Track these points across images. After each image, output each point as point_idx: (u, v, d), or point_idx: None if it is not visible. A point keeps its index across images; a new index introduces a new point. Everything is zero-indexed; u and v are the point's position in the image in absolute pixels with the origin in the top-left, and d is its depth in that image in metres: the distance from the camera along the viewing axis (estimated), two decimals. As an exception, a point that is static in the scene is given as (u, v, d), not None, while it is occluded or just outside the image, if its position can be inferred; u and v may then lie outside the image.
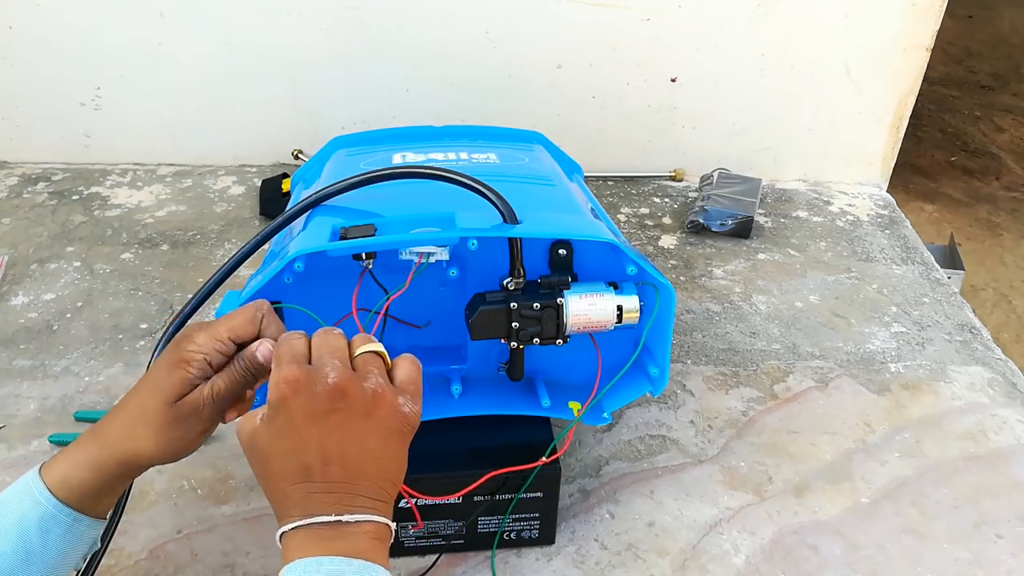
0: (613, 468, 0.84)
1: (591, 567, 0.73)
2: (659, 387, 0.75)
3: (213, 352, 0.57)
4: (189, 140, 1.36)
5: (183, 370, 0.56)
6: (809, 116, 1.35)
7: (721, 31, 1.27)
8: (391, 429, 0.52)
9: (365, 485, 0.51)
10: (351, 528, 0.49)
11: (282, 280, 0.70)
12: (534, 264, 0.72)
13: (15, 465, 0.81)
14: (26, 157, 1.37)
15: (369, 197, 0.72)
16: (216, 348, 0.57)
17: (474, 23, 1.26)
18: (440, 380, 0.77)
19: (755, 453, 0.86)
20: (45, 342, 0.98)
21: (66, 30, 1.25)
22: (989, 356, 1.02)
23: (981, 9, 4.17)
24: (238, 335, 0.57)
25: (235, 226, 1.22)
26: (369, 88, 1.31)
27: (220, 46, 1.27)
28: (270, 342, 0.57)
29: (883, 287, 1.14)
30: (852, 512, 0.80)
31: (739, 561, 0.74)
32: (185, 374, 0.56)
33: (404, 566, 0.72)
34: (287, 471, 0.50)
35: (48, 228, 1.20)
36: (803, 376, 0.97)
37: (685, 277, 1.15)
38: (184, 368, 0.56)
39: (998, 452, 0.87)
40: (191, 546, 0.73)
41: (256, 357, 0.57)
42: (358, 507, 0.50)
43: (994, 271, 2.47)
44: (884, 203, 1.37)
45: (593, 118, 1.34)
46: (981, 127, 3.27)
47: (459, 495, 0.69)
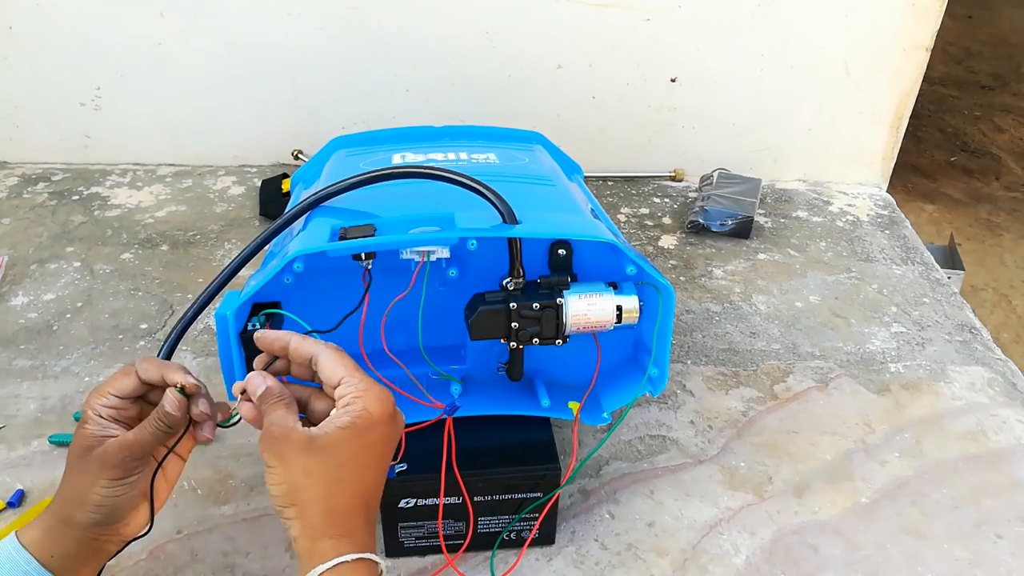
0: (613, 468, 0.84)
1: (591, 567, 0.73)
2: (659, 387, 0.75)
3: (101, 408, 0.59)
4: (189, 140, 1.36)
5: (82, 428, 0.59)
6: (809, 116, 1.35)
7: (721, 31, 1.27)
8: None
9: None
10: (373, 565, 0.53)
11: (282, 280, 0.70)
12: (534, 264, 0.72)
13: (15, 465, 0.81)
14: (26, 157, 1.37)
15: (369, 197, 0.72)
16: (102, 403, 0.59)
17: (474, 23, 1.26)
18: (440, 380, 0.77)
19: (755, 453, 0.86)
20: (45, 342, 0.98)
21: (66, 30, 1.25)
22: (989, 356, 1.02)
23: (981, 9, 4.17)
24: (117, 389, 0.60)
25: (235, 226, 1.22)
26: (369, 88, 1.31)
27: (220, 46, 1.27)
28: (284, 416, 0.57)
29: (883, 287, 1.14)
30: (852, 512, 0.80)
31: (739, 561, 0.74)
32: (83, 431, 0.59)
33: (404, 566, 0.72)
34: (358, 489, 0.54)
35: (48, 228, 1.20)
36: (803, 376, 0.97)
37: (685, 277, 1.15)
38: (82, 427, 0.59)
39: (998, 452, 0.87)
40: (191, 546, 0.73)
41: (163, 406, 0.59)
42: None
43: (994, 271, 2.47)
44: (884, 203, 1.37)
45: (593, 118, 1.34)
46: (981, 127, 3.27)
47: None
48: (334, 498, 0.52)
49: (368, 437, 0.54)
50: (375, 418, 0.54)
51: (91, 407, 0.59)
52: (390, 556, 0.73)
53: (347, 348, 0.71)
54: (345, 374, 0.56)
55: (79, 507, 0.57)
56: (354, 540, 0.52)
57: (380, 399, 0.55)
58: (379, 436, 0.54)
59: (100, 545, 0.59)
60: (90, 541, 0.58)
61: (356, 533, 0.52)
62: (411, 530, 0.71)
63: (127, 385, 0.60)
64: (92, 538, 0.58)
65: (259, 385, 0.57)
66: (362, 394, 0.55)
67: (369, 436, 0.54)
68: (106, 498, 0.57)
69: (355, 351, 0.71)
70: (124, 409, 0.60)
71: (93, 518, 0.57)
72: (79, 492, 0.57)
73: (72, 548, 0.57)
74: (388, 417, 0.55)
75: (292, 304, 0.71)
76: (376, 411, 0.54)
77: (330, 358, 0.57)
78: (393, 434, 0.56)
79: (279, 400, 0.56)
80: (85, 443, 0.58)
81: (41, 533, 0.57)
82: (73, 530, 0.57)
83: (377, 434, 0.54)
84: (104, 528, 0.58)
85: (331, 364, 0.57)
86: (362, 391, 0.55)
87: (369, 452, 0.54)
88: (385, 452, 0.55)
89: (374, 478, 0.55)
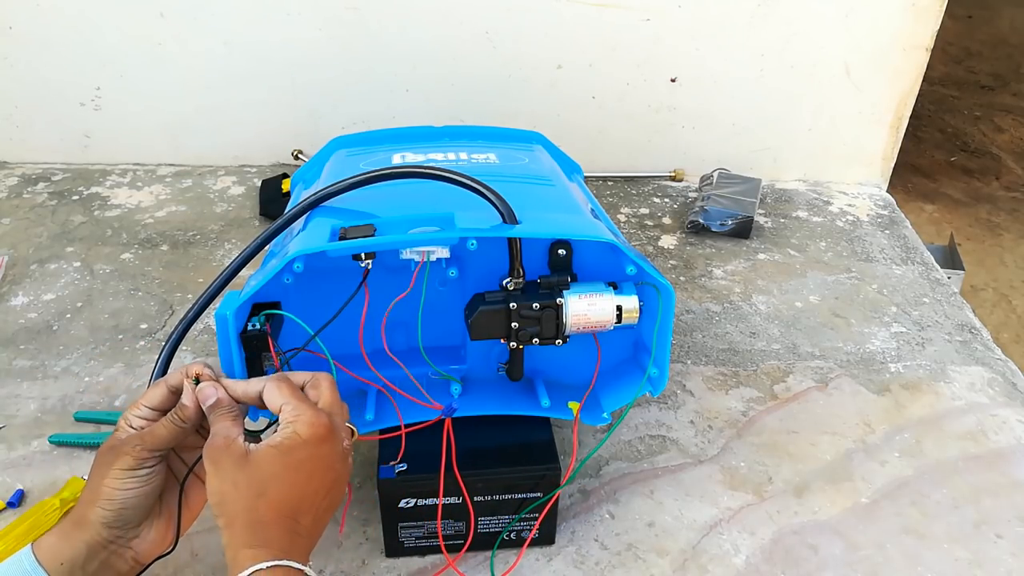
0: (613, 468, 0.84)
1: (591, 567, 0.73)
2: (659, 387, 0.75)
3: (133, 418, 0.61)
4: (189, 140, 1.36)
5: (113, 437, 0.61)
6: (809, 116, 1.35)
7: (721, 31, 1.27)
8: (337, 500, 0.60)
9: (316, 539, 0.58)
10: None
11: (281, 280, 0.70)
12: (534, 264, 0.72)
13: (15, 465, 0.81)
14: (26, 157, 1.37)
15: (369, 197, 0.72)
16: (135, 414, 0.61)
17: (474, 23, 1.26)
18: (440, 380, 0.77)
19: (755, 453, 0.86)
20: (45, 342, 0.98)
21: (66, 30, 1.25)
22: (989, 356, 1.02)
23: (981, 9, 4.17)
24: (155, 403, 0.62)
25: (235, 226, 1.22)
26: (369, 88, 1.31)
27: (220, 46, 1.27)
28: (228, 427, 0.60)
29: (883, 287, 1.14)
30: (852, 512, 0.80)
31: (739, 561, 0.74)
32: (113, 437, 0.61)
33: (404, 566, 0.72)
34: (281, 504, 0.55)
35: (48, 228, 1.20)
36: (803, 376, 0.97)
37: (685, 277, 1.15)
38: (115, 434, 0.61)
39: (998, 452, 0.87)
40: (191, 546, 0.73)
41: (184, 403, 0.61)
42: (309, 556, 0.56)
43: (994, 271, 2.47)
44: (884, 203, 1.37)
45: (593, 118, 1.34)
46: (981, 127, 3.27)
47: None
48: (256, 511, 0.55)
49: (295, 456, 0.56)
50: (303, 439, 0.57)
51: (125, 418, 0.61)
52: (390, 556, 0.73)
53: (347, 348, 0.71)
54: (283, 401, 0.59)
55: (91, 504, 0.58)
56: (271, 549, 0.53)
57: (311, 423, 0.57)
58: (307, 456, 0.57)
59: (109, 557, 0.59)
60: (99, 549, 0.58)
61: (274, 543, 0.54)
62: (411, 530, 0.71)
63: (157, 395, 0.62)
64: (101, 545, 0.58)
65: (210, 396, 0.61)
66: (294, 418, 0.58)
67: (296, 455, 0.56)
68: (116, 491, 0.58)
69: (355, 351, 0.72)
70: (153, 421, 0.61)
71: (104, 516, 0.58)
72: (92, 487, 0.59)
73: (82, 554, 0.57)
74: (318, 439, 0.57)
75: (292, 304, 0.71)
76: (305, 433, 0.57)
77: (271, 389, 0.60)
78: (326, 455, 0.58)
79: (227, 412, 0.60)
80: (109, 444, 0.60)
81: (55, 538, 0.58)
82: (84, 533, 0.58)
83: (305, 454, 0.57)
84: (114, 531, 0.58)
85: (272, 394, 0.60)
86: (295, 416, 0.58)
87: (295, 470, 0.56)
88: (316, 470, 0.57)
89: (301, 494, 0.56)
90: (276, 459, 0.56)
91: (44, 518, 0.73)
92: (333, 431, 0.58)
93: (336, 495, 0.59)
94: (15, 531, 0.71)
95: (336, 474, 0.58)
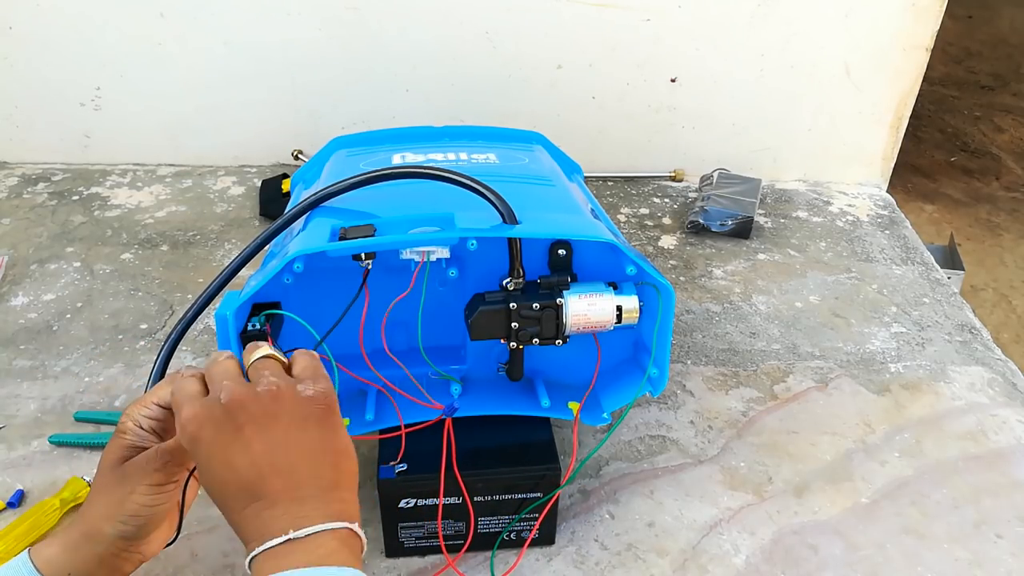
0: (613, 468, 0.84)
1: (591, 567, 0.73)
2: (659, 387, 0.75)
3: (141, 418, 0.59)
4: (189, 140, 1.36)
5: (119, 438, 0.59)
6: (809, 116, 1.35)
7: (721, 31, 1.27)
8: (304, 417, 0.52)
9: (308, 489, 0.50)
10: (304, 541, 0.48)
11: (281, 280, 0.70)
12: (534, 264, 0.72)
13: (15, 465, 0.81)
14: (26, 157, 1.37)
15: (369, 197, 0.72)
16: (143, 414, 0.59)
17: (474, 23, 1.26)
18: (440, 380, 0.77)
19: (755, 453, 0.86)
20: (45, 342, 0.98)
21: (66, 30, 1.25)
22: (989, 356, 1.02)
23: (981, 9, 4.17)
24: (163, 399, 0.59)
25: (235, 226, 1.22)
26: (369, 88, 1.31)
27: (220, 46, 1.27)
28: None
29: (883, 287, 1.14)
30: (852, 512, 0.80)
31: (739, 561, 0.74)
32: (121, 441, 0.58)
33: (404, 566, 0.72)
34: (232, 499, 0.51)
35: (48, 228, 1.20)
36: (803, 376, 0.97)
37: (685, 277, 1.15)
38: (120, 436, 0.59)
39: (998, 452, 0.87)
40: (191, 546, 0.73)
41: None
42: (307, 516, 0.49)
43: (994, 271, 2.47)
44: (884, 203, 1.37)
45: (593, 118, 1.34)
46: (981, 127, 3.27)
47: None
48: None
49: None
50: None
51: (131, 417, 0.59)
52: (390, 556, 0.73)
53: (347, 348, 0.71)
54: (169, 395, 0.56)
55: (110, 519, 0.57)
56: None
57: (188, 407, 0.53)
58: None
59: (118, 563, 0.58)
60: (110, 558, 0.57)
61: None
62: (411, 530, 0.71)
63: (167, 393, 0.59)
64: (113, 555, 0.57)
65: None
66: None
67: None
68: (143, 507, 0.57)
69: (355, 351, 0.72)
70: (163, 420, 0.59)
71: (124, 530, 0.57)
72: (114, 503, 0.57)
73: (92, 566, 0.57)
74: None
75: (292, 304, 0.71)
76: (185, 441, 0.52)
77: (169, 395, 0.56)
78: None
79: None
80: (122, 454, 0.58)
81: (59, 550, 0.56)
82: (97, 546, 0.57)
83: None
84: (129, 542, 0.58)
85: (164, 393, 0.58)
86: (178, 430, 0.53)
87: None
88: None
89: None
90: (195, 456, 0.52)
91: (44, 518, 0.73)
92: (201, 403, 0.52)
93: (284, 438, 0.51)
94: (15, 531, 0.71)
95: (255, 426, 0.51)
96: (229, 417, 0.51)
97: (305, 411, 0.52)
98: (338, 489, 0.52)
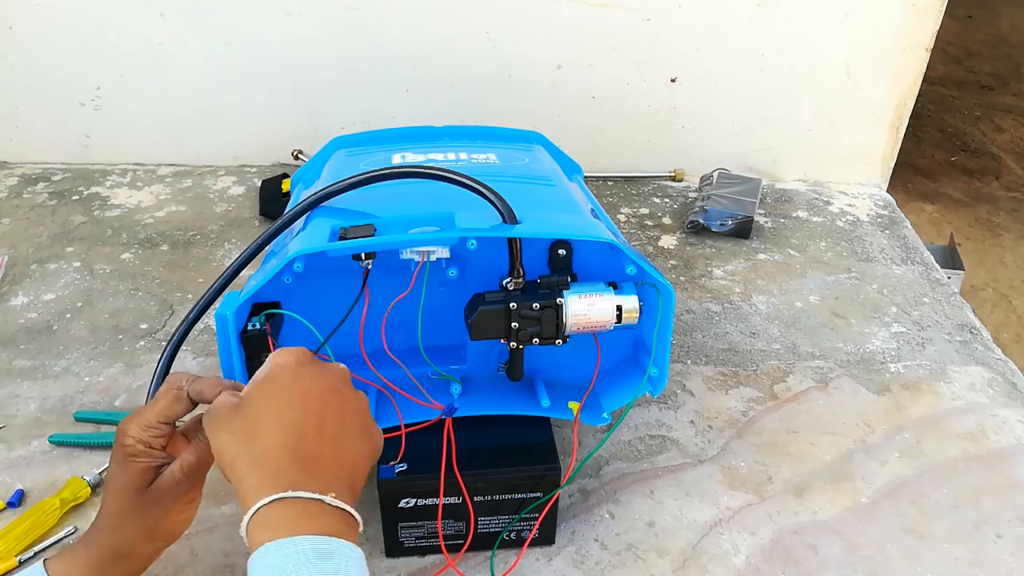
0: (613, 468, 0.84)
1: (591, 567, 0.73)
2: (659, 387, 0.75)
3: (150, 439, 0.58)
4: (189, 140, 1.36)
5: (132, 463, 0.57)
6: (809, 116, 1.35)
7: (721, 31, 1.27)
8: (363, 431, 0.56)
9: (344, 473, 0.52)
10: (330, 510, 0.49)
11: (282, 280, 0.70)
12: (534, 264, 0.72)
13: (15, 465, 0.81)
14: (26, 157, 1.37)
15: (369, 197, 0.72)
16: (150, 434, 0.58)
17: (474, 23, 1.26)
18: (440, 380, 0.77)
19: (755, 453, 0.86)
20: (45, 342, 0.98)
21: (66, 30, 1.25)
22: (989, 356, 1.02)
23: (981, 9, 4.17)
24: (167, 416, 0.58)
25: (235, 226, 1.22)
26: (369, 88, 1.31)
27: (220, 46, 1.27)
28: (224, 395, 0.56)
29: (883, 287, 1.14)
30: (852, 512, 0.80)
31: (739, 561, 0.74)
32: (136, 466, 0.57)
33: (404, 566, 0.72)
34: (279, 430, 0.51)
35: (48, 228, 1.20)
36: (803, 376, 0.97)
37: (685, 277, 1.15)
38: (132, 462, 0.57)
39: (998, 452, 0.87)
40: (191, 546, 0.73)
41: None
42: (336, 491, 0.50)
43: (994, 271, 2.47)
44: (884, 203, 1.37)
45: (593, 118, 1.34)
46: (981, 127, 3.27)
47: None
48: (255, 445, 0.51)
49: (280, 382, 0.54)
50: (282, 364, 0.55)
51: (138, 439, 0.57)
52: (390, 556, 0.73)
53: (347, 348, 0.71)
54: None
55: (147, 540, 0.57)
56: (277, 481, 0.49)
57: (288, 351, 0.56)
58: (293, 378, 0.54)
59: (147, 565, 0.60)
60: (140, 569, 0.59)
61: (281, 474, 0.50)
62: (411, 530, 0.71)
63: (179, 410, 0.59)
64: (146, 564, 0.59)
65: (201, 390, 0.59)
66: (272, 356, 0.56)
67: (281, 380, 0.54)
68: (182, 523, 0.59)
69: (355, 351, 0.72)
70: (168, 436, 0.59)
71: (160, 545, 0.59)
72: (149, 525, 0.57)
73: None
74: (298, 361, 0.55)
75: (292, 304, 0.71)
76: (283, 359, 0.55)
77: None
78: (314, 374, 0.55)
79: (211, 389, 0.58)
80: (143, 478, 0.57)
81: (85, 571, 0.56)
82: (134, 562, 0.58)
83: (290, 376, 0.55)
84: (163, 549, 0.59)
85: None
86: (272, 356, 0.56)
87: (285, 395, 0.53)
88: (311, 390, 0.54)
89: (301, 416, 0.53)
90: (263, 390, 0.54)
91: (44, 518, 0.73)
92: (312, 357, 0.56)
93: (350, 419, 0.54)
94: (15, 531, 0.71)
95: (340, 396, 0.55)
96: (337, 376, 0.56)
97: (367, 430, 0.57)
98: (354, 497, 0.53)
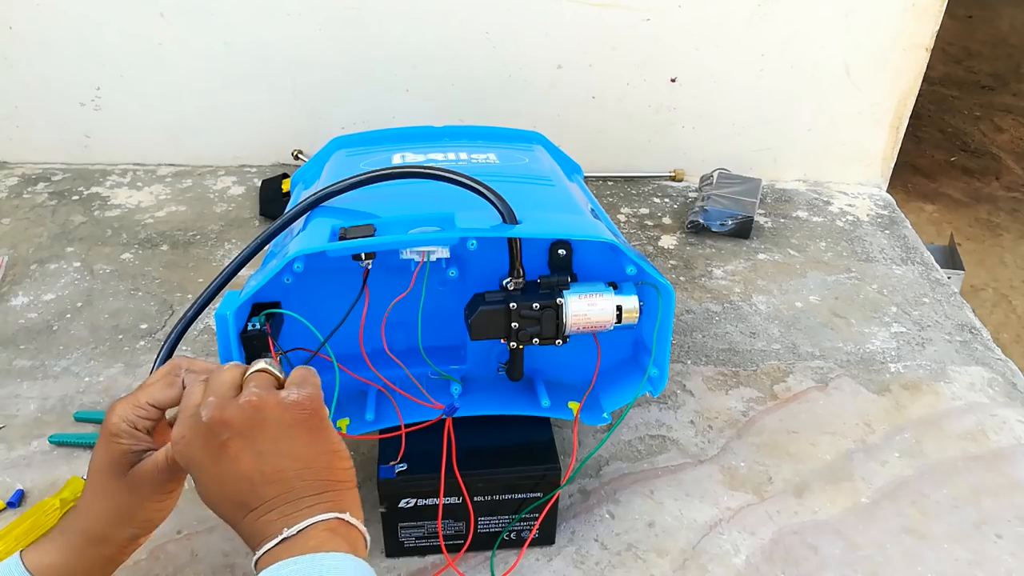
0: (613, 468, 0.84)
1: (591, 567, 0.73)
2: (659, 387, 0.75)
3: (136, 419, 0.57)
4: (189, 140, 1.36)
5: (115, 443, 0.57)
6: (809, 116, 1.35)
7: (721, 31, 1.27)
8: (289, 424, 0.52)
9: (299, 486, 0.51)
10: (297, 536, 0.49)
11: (281, 280, 0.70)
12: (534, 264, 0.72)
13: (15, 465, 0.81)
14: (26, 157, 1.37)
15: (369, 197, 0.72)
16: (137, 415, 0.57)
17: (474, 23, 1.26)
18: (440, 380, 0.77)
19: (755, 453, 0.86)
20: (45, 342, 0.98)
21: (66, 30, 1.25)
22: (989, 356, 1.02)
23: (981, 9, 4.17)
24: (158, 400, 0.58)
25: (235, 226, 1.22)
26: (369, 88, 1.31)
27: (220, 46, 1.27)
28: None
29: (883, 287, 1.14)
30: (852, 512, 0.80)
31: (739, 561, 0.74)
32: (118, 446, 0.57)
33: (404, 566, 0.72)
34: (231, 511, 0.52)
35: (48, 228, 1.20)
36: (803, 376, 0.97)
37: (685, 277, 1.15)
38: (115, 441, 0.57)
39: (998, 452, 0.87)
40: (191, 546, 0.73)
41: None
42: (302, 512, 0.50)
43: (994, 271, 2.47)
44: (884, 203, 1.37)
45: (593, 118, 1.34)
46: (981, 127, 3.27)
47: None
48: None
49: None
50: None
51: (126, 419, 0.57)
52: (390, 556, 0.73)
53: (347, 348, 0.71)
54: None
55: (121, 525, 0.57)
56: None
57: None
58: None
59: (124, 557, 0.59)
60: (118, 556, 0.58)
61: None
62: (411, 530, 0.71)
63: (170, 396, 0.58)
64: (121, 552, 0.58)
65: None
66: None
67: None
68: (159, 512, 0.58)
69: (355, 351, 0.72)
70: (157, 420, 0.59)
71: (135, 533, 0.58)
72: (124, 511, 0.57)
73: (98, 567, 0.57)
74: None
75: (292, 304, 0.71)
76: (180, 463, 0.54)
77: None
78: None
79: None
80: (124, 460, 0.57)
81: (59, 556, 0.56)
82: (106, 548, 0.57)
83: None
84: (140, 538, 0.59)
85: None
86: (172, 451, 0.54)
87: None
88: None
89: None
90: (194, 455, 0.53)
91: (44, 518, 0.73)
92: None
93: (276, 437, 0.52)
94: (15, 531, 0.71)
95: (258, 422, 0.51)
96: (213, 435, 0.51)
97: (289, 417, 0.52)
98: (331, 488, 0.52)
